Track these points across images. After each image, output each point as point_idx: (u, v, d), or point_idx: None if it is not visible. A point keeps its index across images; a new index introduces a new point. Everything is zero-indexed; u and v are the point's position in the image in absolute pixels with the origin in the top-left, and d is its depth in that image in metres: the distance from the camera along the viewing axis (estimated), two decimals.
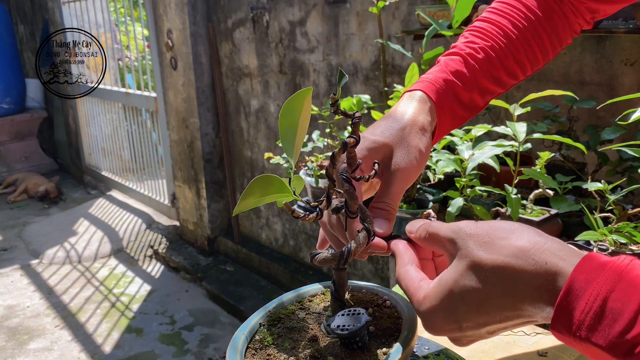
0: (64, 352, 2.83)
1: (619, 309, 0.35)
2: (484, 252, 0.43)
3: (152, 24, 3.71)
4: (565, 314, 0.38)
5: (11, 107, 5.60)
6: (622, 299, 0.35)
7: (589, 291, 0.37)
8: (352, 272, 2.93)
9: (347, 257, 0.55)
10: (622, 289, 0.36)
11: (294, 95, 0.54)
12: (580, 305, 0.37)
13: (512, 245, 0.42)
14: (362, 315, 0.54)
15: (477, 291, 0.43)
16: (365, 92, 2.59)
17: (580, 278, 0.38)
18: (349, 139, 0.55)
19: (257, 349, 0.56)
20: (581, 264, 0.38)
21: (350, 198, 0.57)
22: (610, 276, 0.37)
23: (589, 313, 0.36)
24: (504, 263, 0.41)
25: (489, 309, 0.43)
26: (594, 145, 1.44)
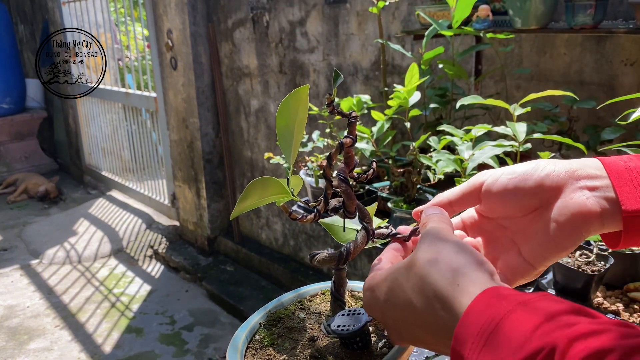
0: (64, 352, 2.83)
1: (516, 327, 0.35)
2: (425, 254, 0.44)
3: (152, 24, 3.71)
4: (463, 336, 0.37)
5: (11, 107, 5.60)
6: (521, 320, 0.35)
7: (489, 312, 0.37)
8: (352, 272, 2.93)
9: (346, 257, 0.55)
10: (521, 312, 0.36)
11: (290, 94, 0.54)
12: (476, 327, 0.37)
13: (447, 258, 0.43)
14: (362, 315, 0.54)
15: (401, 289, 0.44)
16: (365, 92, 2.59)
17: (482, 302, 0.38)
18: (346, 139, 0.55)
19: (257, 348, 0.56)
20: (489, 291, 0.38)
21: (348, 198, 0.57)
22: (513, 303, 0.37)
23: (483, 334, 0.36)
24: (428, 273, 0.42)
25: (404, 311, 0.44)
26: (594, 145, 1.44)
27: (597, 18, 1.45)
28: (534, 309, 0.36)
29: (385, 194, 1.69)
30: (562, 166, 0.49)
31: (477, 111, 1.85)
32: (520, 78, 1.99)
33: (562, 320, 0.34)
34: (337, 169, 0.57)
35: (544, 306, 0.36)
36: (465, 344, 0.37)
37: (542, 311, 0.35)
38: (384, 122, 1.59)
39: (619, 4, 1.69)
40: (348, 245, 0.56)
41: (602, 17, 1.46)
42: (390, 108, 1.57)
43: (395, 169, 1.61)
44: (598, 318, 0.35)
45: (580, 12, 1.44)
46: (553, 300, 0.37)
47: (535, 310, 0.35)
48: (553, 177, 0.48)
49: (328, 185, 0.57)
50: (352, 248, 0.55)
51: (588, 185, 0.47)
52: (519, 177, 0.50)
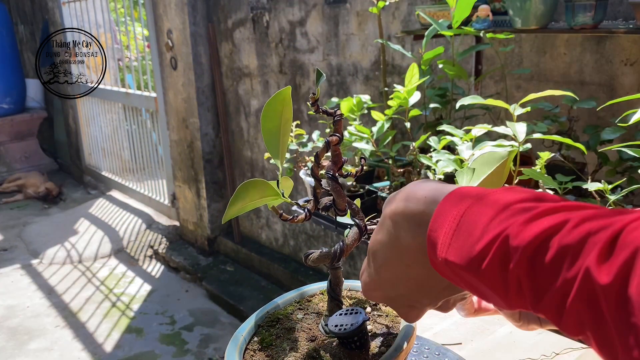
0: (64, 352, 2.83)
1: (473, 222, 0.36)
2: (393, 202, 0.46)
3: (152, 24, 3.71)
4: (433, 239, 0.39)
5: (11, 107, 5.60)
6: (478, 214, 0.36)
7: (452, 213, 0.38)
8: (351, 272, 2.93)
9: (339, 255, 0.55)
10: (479, 206, 0.37)
11: (273, 96, 0.54)
12: (444, 228, 0.38)
13: (416, 192, 0.44)
14: (359, 314, 0.54)
15: (383, 242, 0.45)
16: (365, 92, 2.59)
17: (446, 204, 0.39)
18: (332, 137, 0.55)
19: (256, 350, 0.56)
20: (451, 193, 0.40)
21: (337, 196, 0.57)
22: (472, 198, 0.38)
23: (449, 232, 0.37)
24: (398, 209, 0.44)
25: (389, 261, 0.45)
26: (594, 145, 1.44)
27: (597, 18, 1.44)
28: (492, 202, 0.37)
29: (385, 194, 1.69)
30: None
31: (477, 111, 1.85)
32: (520, 78, 1.99)
33: (518, 207, 0.35)
34: (325, 168, 0.57)
35: (501, 197, 0.37)
36: (436, 247, 0.38)
37: (499, 202, 0.36)
38: (384, 122, 1.59)
39: (619, 4, 1.69)
40: (341, 243, 0.56)
41: (602, 17, 1.46)
42: (390, 108, 1.57)
43: (395, 169, 1.61)
44: (557, 201, 0.36)
45: (580, 12, 1.44)
46: (513, 191, 0.38)
47: (493, 202, 0.37)
48: None
49: (317, 184, 0.57)
50: (345, 246, 0.55)
51: None
52: None
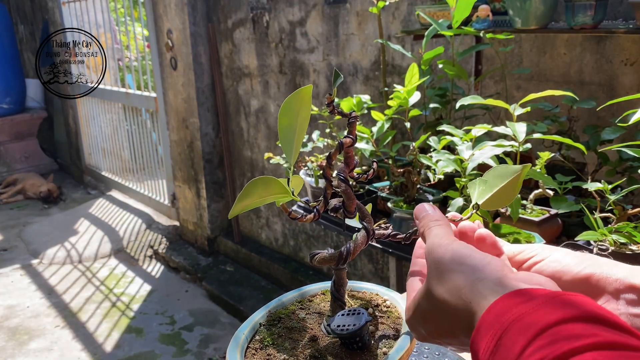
0: (64, 352, 2.83)
1: (509, 347, 0.34)
2: (436, 283, 0.45)
3: (152, 24, 3.71)
4: (474, 352, 0.38)
5: (11, 107, 5.60)
6: (513, 339, 0.34)
7: (491, 332, 0.36)
8: (352, 272, 2.93)
9: (346, 257, 0.55)
10: (517, 328, 0.35)
11: (293, 93, 0.54)
12: (482, 345, 0.37)
13: (452, 281, 0.43)
14: (362, 315, 0.54)
15: (430, 314, 0.46)
16: (365, 92, 2.59)
17: (487, 319, 0.38)
18: (346, 139, 0.55)
19: (257, 349, 0.56)
20: (493, 305, 0.38)
21: (347, 198, 0.57)
22: (511, 317, 0.36)
23: (487, 352, 0.36)
24: (442, 298, 0.43)
25: (440, 330, 0.46)
26: (594, 145, 1.44)
27: (597, 18, 1.45)
28: (528, 324, 0.34)
29: (385, 194, 1.69)
30: (612, 272, 0.46)
31: (477, 111, 1.85)
32: (520, 78, 1.99)
33: (551, 336, 0.33)
34: (337, 169, 0.57)
35: (540, 318, 0.34)
36: (477, 358, 0.38)
37: (536, 324, 0.34)
38: (384, 122, 1.59)
39: (619, 4, 1.69)
40: (348, 245, 0.56)
41: (602, 17, 1.46)
42: (390, 108, 1.57)
43: (395, 169, 1.61)
44: (615, 327, 0.32)
45: (580, 12, 1.44)
46: (563, 303, 0.35)
47: (530, 324, 0.34)
48: (595, 280, 0.46)
49: (328, 185, 0.57)
50: (352, 248, 0.55)
51: (628, 299, 0.44)
52: (561, 267, 0.48)
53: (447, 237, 0.47)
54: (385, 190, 1.72)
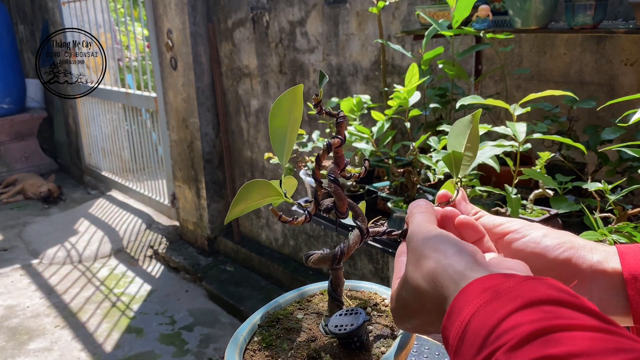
0: (64, 352, 2.83)
1: (477, 331, 0.34)
2: (411, 269, 0.45)
3: (152, 24, 3.71)
4: (445, 338, 0.38)
5: (11, 107, 5.60)
6: (482, 321, 0.34)
7: (461, 315, 0.36)
8: (351, 272, 2.93)
9: (340, 256, 0.55)
10: (486, 311, 0.35)
11: (284, 93, 0.54)
12: (453, 330, 0.37)
13: (426, 266, 0.43)
14: (360, 314, 0.54)
15: (407, 302, 0.46)
16: (365, 92, 2.59)
17: (457, 305, 0.38)
18: (334, 140, 0.55)
19: (256, 350, 0.56)
20: (465, 289, 0.38)
21: (338, 198, 0.56)
22: (479, 302, 0.36)
23: (457, 337, 0.36)
24: (417, 283, 0.44)
25: (417, 316, 0.46)
26: (594, 145, 1.44)
27: (597, 18, 1.44)
28: (502, 303, 0.35)
29: (385, 194, 1.69)
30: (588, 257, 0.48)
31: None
32: (520, 78, 1.99)
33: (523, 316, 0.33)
34: (327, 169, 0.57)
35: (514, 297, 0.35)
36: (447, 345, 0.38)
37: (509, 304, 0.34)
38: (384, 122, 1.59)
39: (619, 4, 1.69)
40: (342, 245, 0.56)
41: (602, 17, 1.46)
42: (390, 108, 1.57)
43: (395, 169, 1.61)
44: (572, 318, 0.32)
45: (580, 12, 1.44)
46: (543, 285, 0.35)
47: (503, 304, 0.34)
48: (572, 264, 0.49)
49: (318, 186, 0.57)
50: (346, 248, 0.55)
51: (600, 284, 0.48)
52: (540, 249, 0.50)
53: (426, 224, 0.48)
54: (385, 190, 1.72)
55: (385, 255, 2.65)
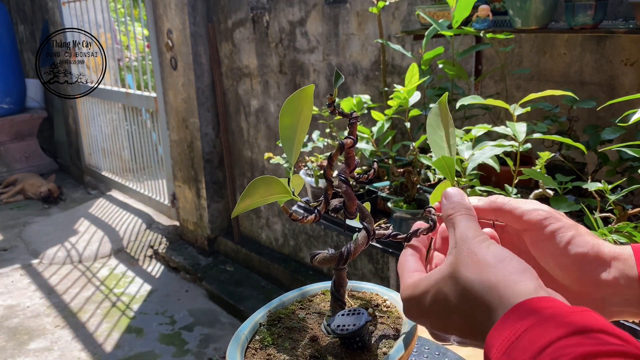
0: (64, 352, 2.83)
1: (533, 341, 0.35)
2: (468, 272, 0.45)
3: (152, 24, 3.71)
4: (490, 341, 0.39)
5: (11, 107, 5.60)
6: (541, 334, 0.36)
7: (506, 333, 0.37)
8: (352, 272, 2.93)
9: (347, 257, 0.55)
10: (546, 327, 0.36)
11: (295, 93, 0.54)
12: (503, 336, 0.38)
13: (489, 274, 0.43)
14: (362, 315, 0.54)
15: (446, 299, 0.46)
16: (365, 92, 2.59)
17: (507, 321, 0.39)
18: (347, 140, 0.55)
19: (257, 348, 0.56)
20: (525, 302, 0.39)
21: (348, 199, 0.57)
22: (544, 315, 0.37)
23: (507, 342, 0.37)
24: (472, 287, 0.43)
25: (449, 317, 0.46)
26: (594, 145, 1.44)
27: (597, 18, 1.45)
28: (562, 323, 0.36)
29: (385, 194, 1.69)
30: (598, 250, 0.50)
31: (477, 111, 1.85)
32: (520, 78, 1.99)
33: (585, 338, 0.34)
34: (337, 170, 0.57)
35: (575, 320, 0.36)
36: (491, 351, 0.38)
37: (570, 325, 0.35)
38: (384, 122, 1.59)
39: (619, 4, 1.69)
40: (349, 246, 0.56)
41: (602, 17, 1.46)
42: (390, 108, 1.57)
43: (395, 169, 1.61)
44: (615, 343, 0.34)
45: (580, 12, 1.45)
46: (590, 317, 0.36)
47: (563, 324, 0.36)
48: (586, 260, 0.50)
49: (329, 185, 0.57)
50: (353, 248, 0.55)
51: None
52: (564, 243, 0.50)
53: (479, 230, 0.48)
54: (385, 190, 1.72)
55: (385, 256, 2.65)
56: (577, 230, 0.50)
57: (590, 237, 0.50)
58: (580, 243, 0.49)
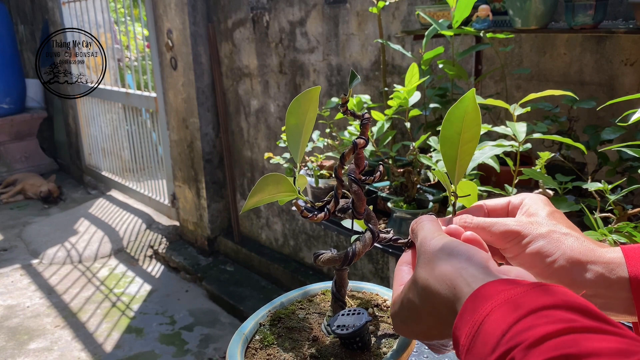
0: (64, 352, 2.83)
1: (491, 330, 0.35)
2: (422, 271, 0.46)
3: (152, 24, 3.71)
4: (456, 338, 0.39)
5: (11, 107, 5.60)
6: (497, 321, 0.35)
7: (475, 316, 0.37)
8: (352, 272, 2.94)
9: (352, 258, 0.55)
10: (498, 315, 0.36)
11: (301, 93, 0.55)
12: (465, 329, 0.37)
13: (439, 268, 0.44)
14: (362, 315, 0.54)
15: (414, 304, 0.46)
16: (365, 92, 2.59)
17: (471, 304, 0.38)
18: (359, 140, 0.55)
19: (258, 348, 0.56)
20: (478, 290, 0.39)
21: (358, 199, 0.57)
22: (493, 303, 0.37)
23: (470, 336, 0.37)
24: (427, 284, 0.44)
25: (423, 319, 0.46)
26: (594, 145, 1.44)
27: (597, 18, 1.45)
28: (512, 307, 0.36)
29: (385, 193, 1.69)
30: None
31: None
32: (520, 78, 1.99)
33: (532, 321, 0.34)
34: (347, 170, 0.57)
35: (528, 301, 0.36)
36: (458, 346, 0.38)
37: (519, 309, 0.35)
38: (384, 122, 1.59)
39: (619, 4, 1.69)
40: (354, 247, 0.56)
41: (602, 17, 1.46)
42: (390, 108, 1.57)
43: (395, 169, 1.61)
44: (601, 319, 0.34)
45: (580, 12, 1.45)
46: (551, 291, 0.36)
47: (513, 308, 0.35)
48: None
49: (339, 185, 0.57)
50: (358, 249, 0.55)
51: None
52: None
53: (437, 231, 0.49)
54: (385, 190, 1.72)
55: (385, 256, 2.65)
56: (547, 239, 0.50)
57: (564, 241, 0.50)
58: (549, 252, 0.49)
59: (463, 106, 0.53)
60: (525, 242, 0.51)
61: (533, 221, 0.52)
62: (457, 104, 0.53)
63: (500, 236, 0.52)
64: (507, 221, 0.52)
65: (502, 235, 0.52)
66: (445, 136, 0.54)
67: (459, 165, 0.55)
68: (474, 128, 0.53)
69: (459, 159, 0.54)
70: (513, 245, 0.51)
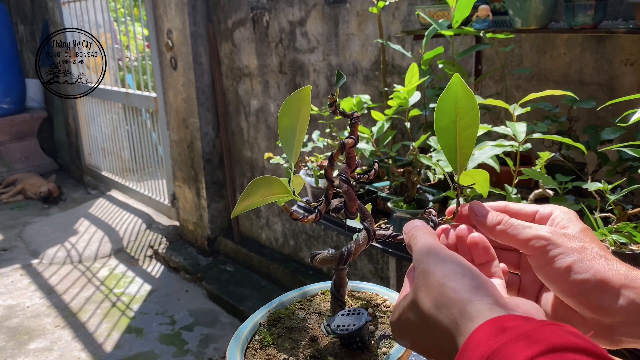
0: (64, 352, 2.83)
1: None
2: (424, 296, 0.44)
3: (152, 24, 3.71)
4: None
5: (11, 107, 5.60)
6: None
7: (477, 353, 0.36)
8: (352, 272, 2.93)
9: (347, 257, 0.55)
10: (505, 353, 0.34)
11: (293, 93, 0.54)
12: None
13: (441, 297, 0.42)
14: (362, 315, 0.54)
15: (414, 324, 0.45)
16: (365, 92, 2.59)
17: (473, 342, 0.37)
18: (348, 140, 0.55)
19: (257, 348, 0.56)
20: (482, 327, 0.37)
21: (349, 199, 0.57)
22: (500, 340, 0.35)
23: None
24: (429, 312, 0.43)
25: (422, 343, 0.45)
26: (594, 145, 1.44)
27: (597, 18, 1.45)
28: (535, 341, 0.34)
29: (385, 194, 1.69)
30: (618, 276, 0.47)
31: None
32: (520, 78, 1.99)
33: (561, 358, 0.32)
34: (338, 170, 0.57)
35: (546, 338, 0.34)
36: None
37: (541, 343, 0.33)
38: (384, 122, 1.59)
39: (619, 4, 1.69)
40: (349, 246, 0.56)
41: (602, 17, 1.46)
42: (390, 108, 1.57)
43: (395, 169, 1.61)
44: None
45: (580, 12, 1.44)
46: (563, 332, 0.34)
47: (535, 342, 0.34)
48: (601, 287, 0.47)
49: (329, 185, 0.57)
50: (353, 249, 0.55)
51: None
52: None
53: (435, 247, 0.47)
54: (385, 190, 1.72)
55: (385, 256, 2.65)
56: (580, 255, 0.47)
57: (597, 260, 0.47)
58: (581, 269, 0.46)
59: (452, 93, 0.50)
60: (554, 254, 0.47)
61: (567, 234, 0.49)
62: (444, 93, 0.50)
63: (528, 241, 0.49)
64: (540, 227, 0.49)
65: (531, 240, 0.49)
66: (440, 127, 0.52)
67: (460, 154, 0.52)
68: (469, 112, 0.50)
69: (459, 147, 0.52)
70: (540, 253, 0.48)
